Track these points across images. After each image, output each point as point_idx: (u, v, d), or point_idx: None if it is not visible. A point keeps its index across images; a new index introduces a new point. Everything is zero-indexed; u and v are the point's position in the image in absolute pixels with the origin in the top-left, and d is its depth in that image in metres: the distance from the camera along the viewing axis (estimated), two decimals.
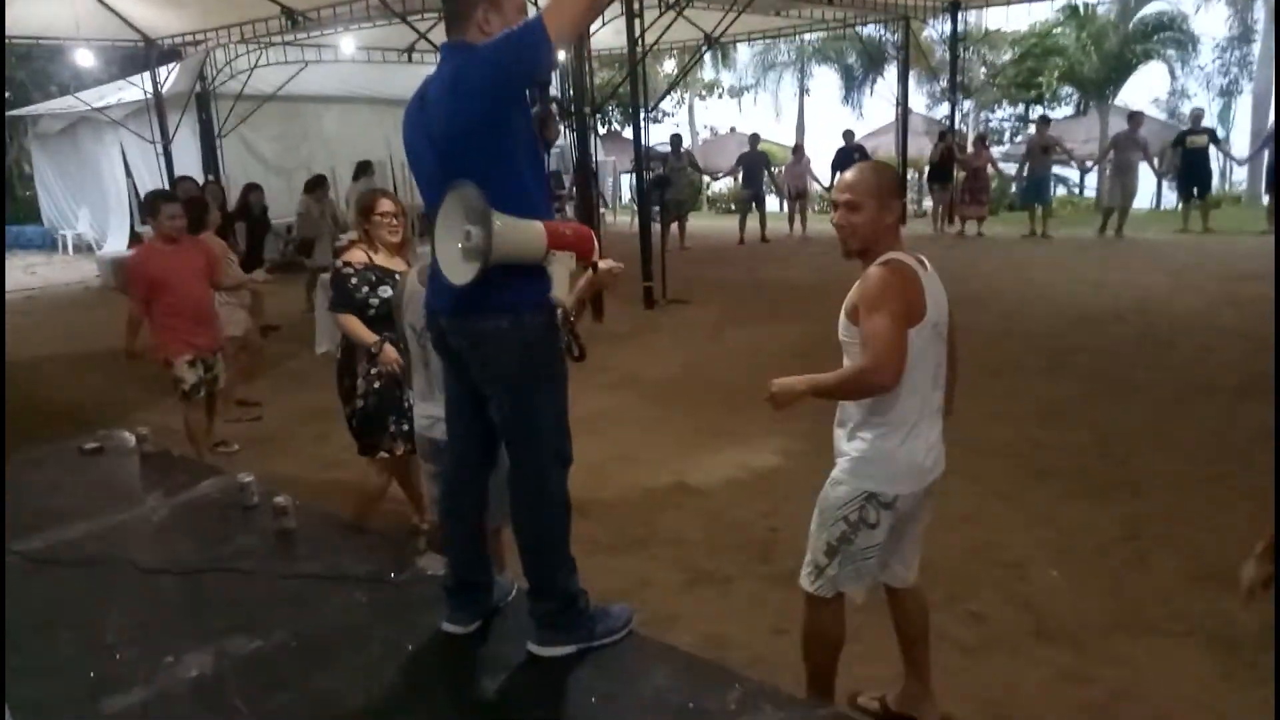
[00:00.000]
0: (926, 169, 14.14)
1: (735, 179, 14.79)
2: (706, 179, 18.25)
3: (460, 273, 2.03)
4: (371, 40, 12.14)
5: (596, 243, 2.24)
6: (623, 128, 21.51)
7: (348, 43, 12.28)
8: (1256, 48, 21.33)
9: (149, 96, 12.87)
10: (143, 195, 10.58)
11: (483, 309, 2.09)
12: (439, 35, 10.04)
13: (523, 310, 2.10)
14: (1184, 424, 4.81)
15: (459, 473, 2.38)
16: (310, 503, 3.17)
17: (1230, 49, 21.68)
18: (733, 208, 16.48)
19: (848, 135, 14.06)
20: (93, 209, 15.48)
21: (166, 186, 10.41)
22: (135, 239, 12.00)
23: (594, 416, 5.18)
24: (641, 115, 9.00)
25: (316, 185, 9.48)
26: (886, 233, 2.25)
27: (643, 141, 9.24)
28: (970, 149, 13.16)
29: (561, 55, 8.33)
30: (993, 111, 24.71)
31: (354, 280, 3.49)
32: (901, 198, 2.29)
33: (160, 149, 12.83)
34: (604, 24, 8.20)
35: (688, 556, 3.63)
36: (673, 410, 5.56)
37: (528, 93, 2.24)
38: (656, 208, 10.98)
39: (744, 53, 25.68)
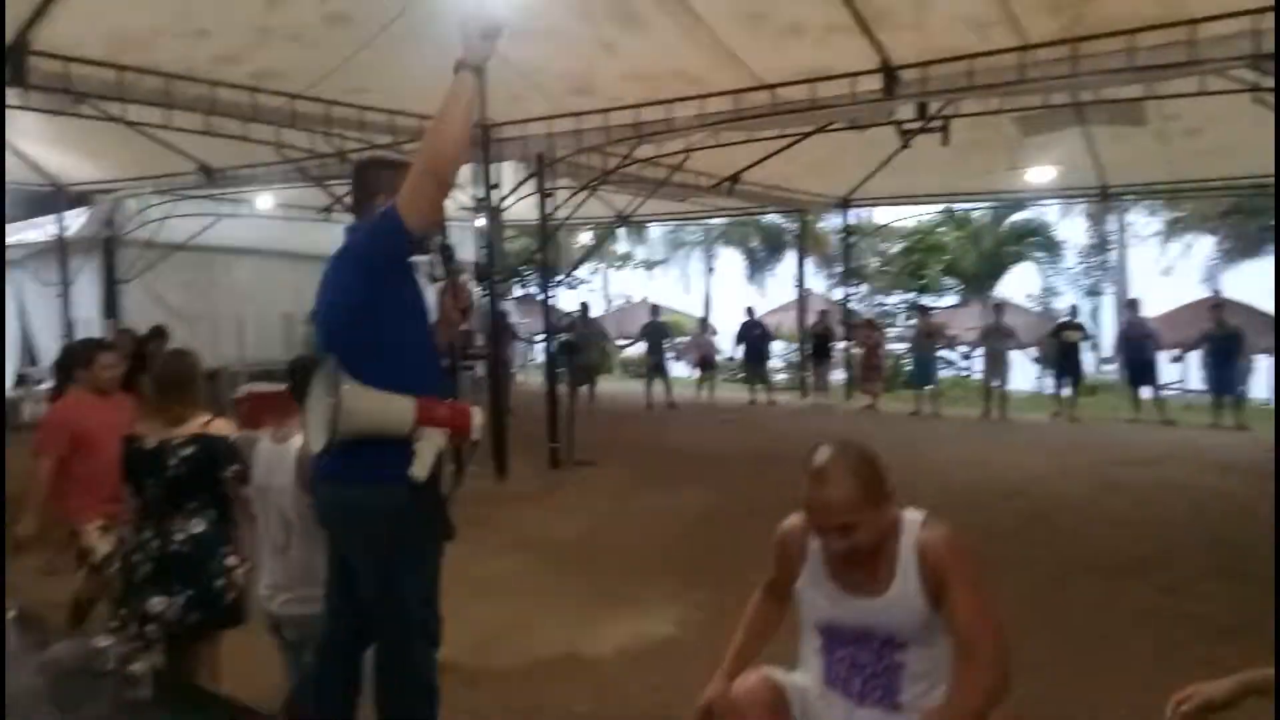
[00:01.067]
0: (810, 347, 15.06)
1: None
2: (619, 343, 18.87)
3: (316, 440, 2.08)
4: (289, 198, 12.39)
5: (476, 419, 2.28)
6: (538, 292, 22.10)
7: (264, 199, 12.49)
8: (1114, 255, 23.80)
9: (54, 238, 12.68)
10: (53, 341, 10.24)
11: (348, 479, 2.11)
12: None
13: (386, 483, 2.11)
14: (1065, 605, 4.95)
15: (328, 650, 2.29)
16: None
17: (1092, 255, 24.14)
18: (643, 372, 16.99)
19: (749, 311, 14.94)
20: None
21: (63, 331, 10.12)
22: (58, 391, 11.46)
23: (489, 580, 5.05)
24: (553, 283, 9.32)
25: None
26: (892, 522, 1.98)
27: (553, 307, 9.53)
28: (864, 331, 14.09)
29: (479, 223, 8.66)
30: (887, 296, 26.46)
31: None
32: (887, 483, 1.96)
33: (60, 292, 12.53)
34: (518, 199, 8.60)
35: None
36: (572, 575, 5.46)
37: (432, 264, 2.35)
38: (564, 370, 11.20)
39: (655, 229, 27.10)
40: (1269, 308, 19.66)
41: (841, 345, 14.91)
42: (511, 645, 4.30)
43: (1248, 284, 21.11)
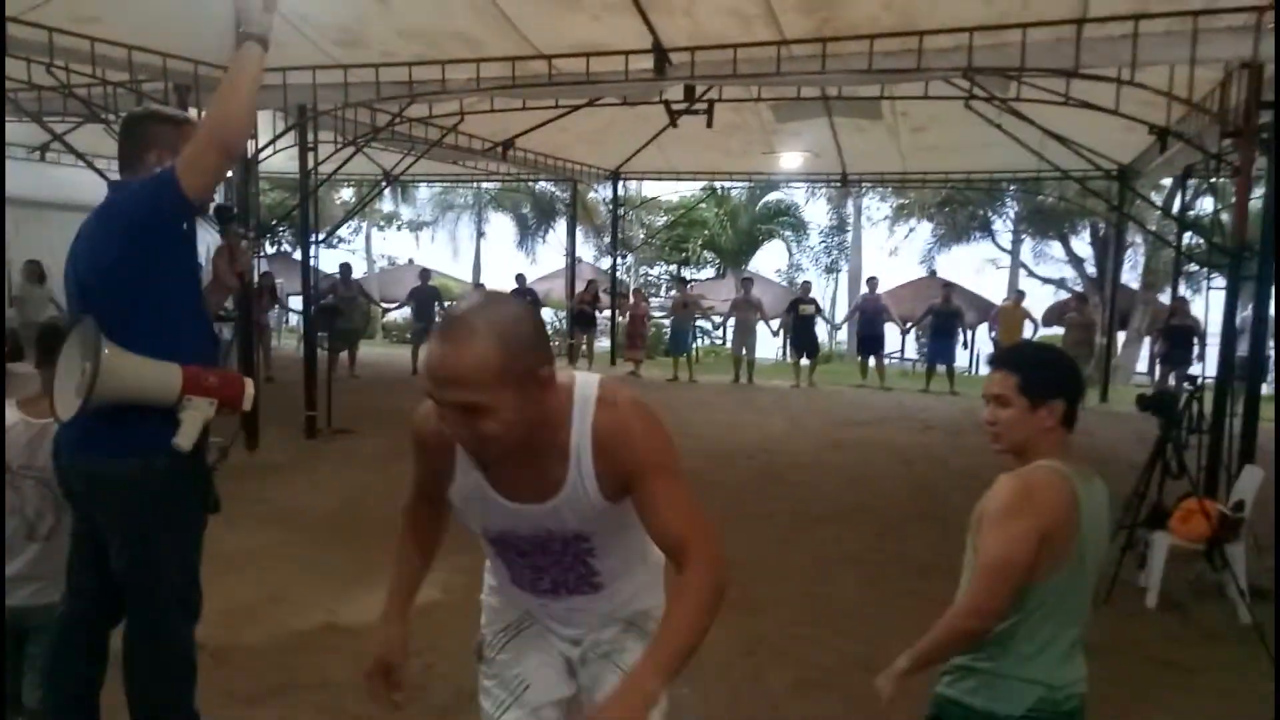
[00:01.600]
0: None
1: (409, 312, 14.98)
2: (382, 307, 18.22)
3: (66, 408, 1.93)
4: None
5: (248, 390, 2.21)
6: (293, 250, 20.78)
7: None
8: (849, 236, 26.17)
9: None
10: None
11: (105, 449, 2.00)
12: (77, 138, 9.13)
13: (147, 454, 2.02)
14: (795, 549, 5.52)
15: (68, 631, 2.13)
16: None
17: (832, 235, 26.43)
18: (408, 337, 16.58)
19: (520, 279, 14.97)
20: None
21: None
22: None
23: (242, 554, 4.80)
24: (313, 242, 8.84)
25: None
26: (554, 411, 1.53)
27: (313, 268, 9.05)
28: (631, 300, 14.61)
29: (229, 174, 8.02)
30: (651, 267, 27.46)
31: None
32: (545, 361, 1.43)
33: None
34: (275, 151, 8.06)
35: (335, 701, 3.44)
36: (329, 546, 5.31)
37: (201, 225, 2.24)
38: (324, 334, 10.71)
39: (424, 190, 26.26)
40: (975, 288, 22.64)
41: (606, 314, 15.37)
42: (266, 619, 4.15)
43: (957, 265, 24.16)
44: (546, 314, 17.50)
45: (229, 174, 7.96)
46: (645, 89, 7.44)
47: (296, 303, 13.71)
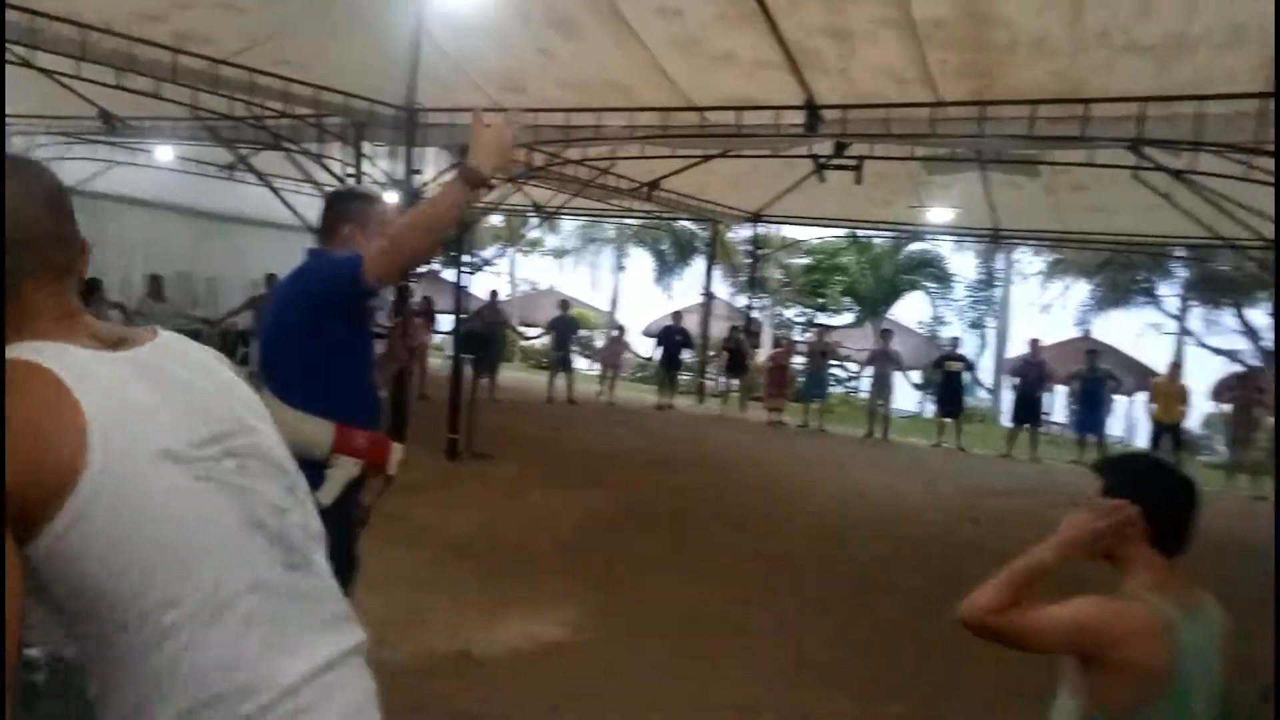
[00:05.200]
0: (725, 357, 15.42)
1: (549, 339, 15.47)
2: (524, 330, 18.92)
3: None
4: (192, 152, 11.92)
5: (394, 454, 2.38)
6: (442, 269, 21.87)
7: (165, 151, 11.98)
8: (999, 292, 25.19)
9: None
10: None
11: None
12: (260, 161, 9.93)
13: None
14: (929, 631, 5.26)
15: None
16: None
17: (978, 289, 25.51)
18: (544, 364, 17.10)
19: (676, 315, 15.40)
20: None
21: None
22: None
23: (381, 572, 5.06)
24: (466, 269, 9.31)
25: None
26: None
27: (465, 293, 9.51)
28: (776, 346, 14.63)
29: (394, 199, 8.58)
30: (787, 309, 27.31)
31: None
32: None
33: None
34: (439, 185, 8.57)
35: None
36: (465, 570, 5.55)
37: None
38: (469, 359, 11.20)
39: (568, 220, 27.11)
40: (1135, 353, 21.36)
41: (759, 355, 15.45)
42: (403, 640, 4.37)
43: (1115, 328, 22.82)
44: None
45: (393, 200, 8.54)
46: (794, 143, 7.50)
47: (444, 322, 14.40)
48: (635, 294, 29.66)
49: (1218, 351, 21.52)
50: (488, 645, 4.44)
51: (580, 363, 16.95)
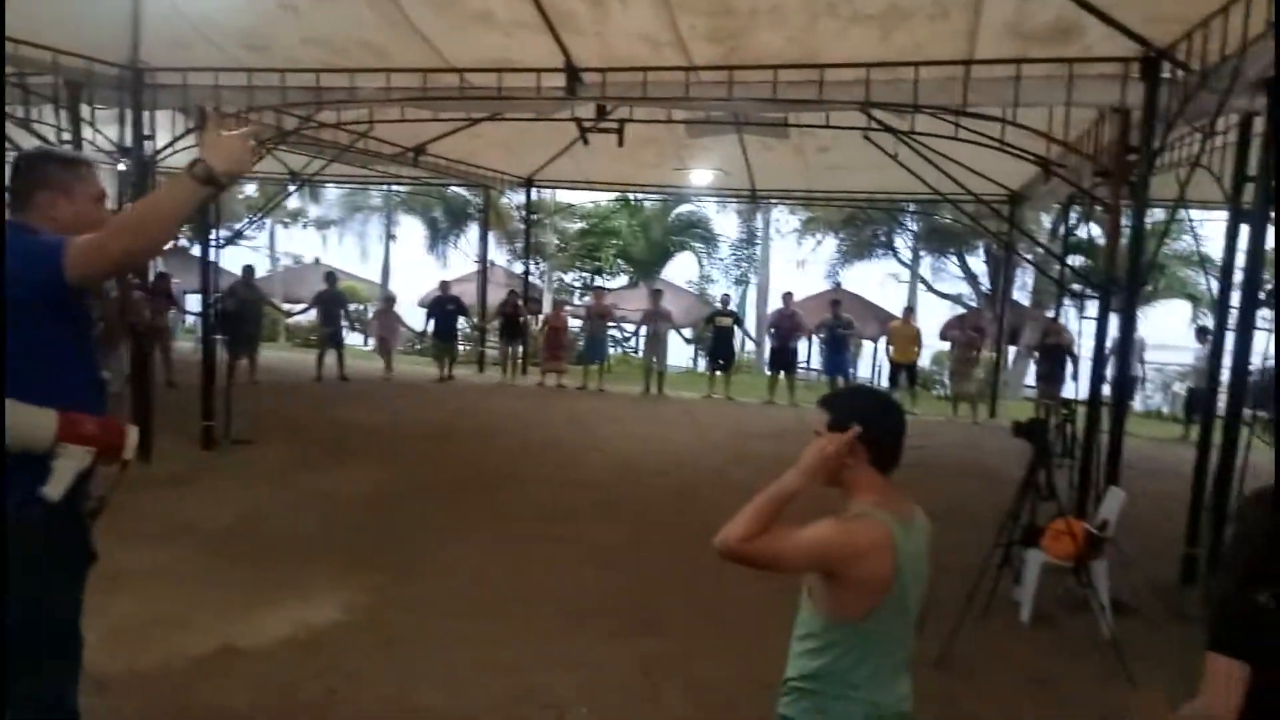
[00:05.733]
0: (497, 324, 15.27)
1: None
2: (286, 307, 17.77)
3: None
4: None
5: (130, 438, 2.19)
6: (191, 245, 20.06)
7: None
8: (759, 249, 26.75)
9: None
10: None
11: None
12: None
13: (15, 503, 1.98)
14: (698, 567, 5.60)
15: None
16: None
17: (742, 247, 26.97)
18: (313, 340, 16.18)
19: (444, 285, 14.96)
20: None
21: None
22: None
23: (132, 573, 4.67)
24: (215, 243, 8.57)
25: None
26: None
27: (215, 269, 8.76)
28: (551, 311, 14.65)
29: (122, 167, 7.72)
30: (565, 274, 27.52)
31: None
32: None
33: None
34: (175, 151, 7.83)
35: None
36: (227, 564, 5.20)
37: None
38: (223, 339, 10.41)
39: (332, 189, 25.66)
40: (879, 301, 23.46)
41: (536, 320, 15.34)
42: (159, 644, 4.05)
43: (861, 279, 25.01)
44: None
45: (121, 168, 7.69)
46: (556, 106, 7.50)
47: (195, 302, 13.24)
48: (408, 264, 28.70)
49: (944, 296, 24.12)
50: (255, 637, 4.21)
51: (354, 338, 16.17)
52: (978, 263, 23.08)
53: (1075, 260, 11.01)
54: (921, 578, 2.02)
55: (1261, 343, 5.66)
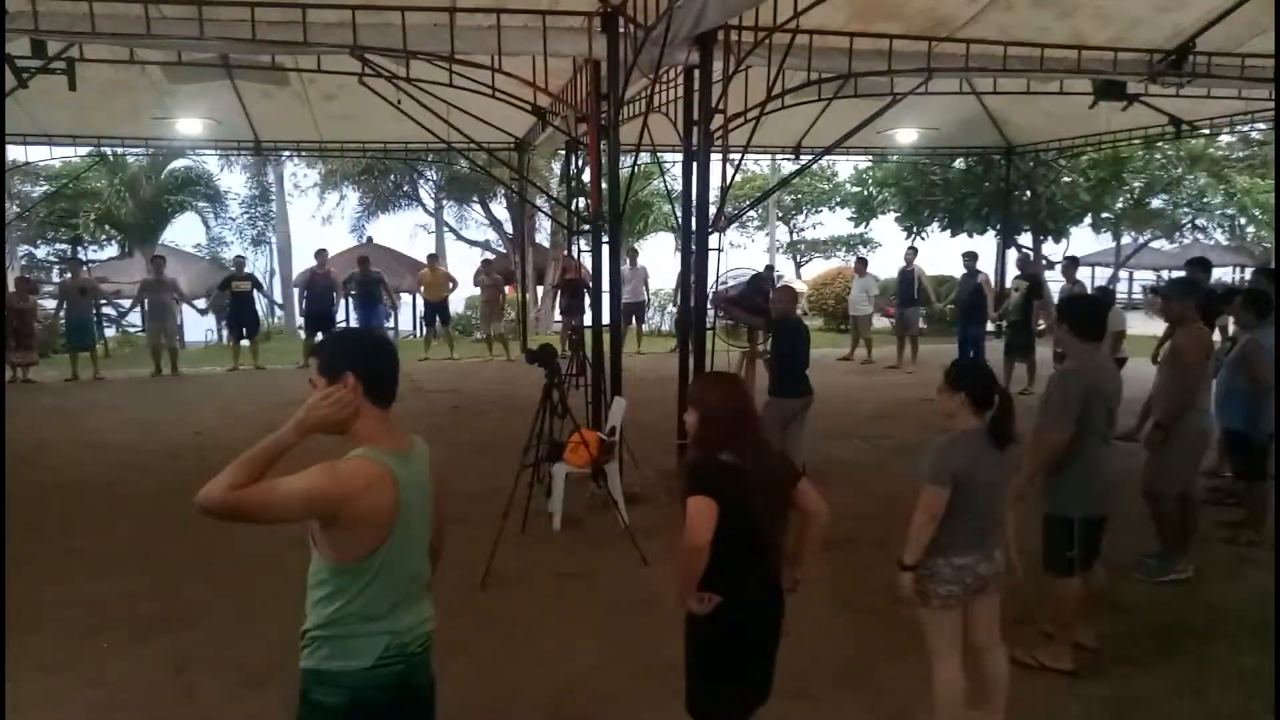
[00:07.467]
0: None
1: None
2: None
3: None
4: None
5: None
6: None
7: None
8: (274, 205, 24.97)
9: None
10: None
11: None
12: None
13: None
14: (225, 551, 5.03)
15: None
16: None
17: (255, 205, 24.94)
18: None
19: None
20: None
21: None
22: None
23: None
24: None
25: None
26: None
27: None
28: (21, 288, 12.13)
29: None
30: (36, 248, 23.01)
31: None
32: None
33: None
34: None
35: None
36: None
37: None
38: None
39: None
40: (409, 251, 23.41)
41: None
42: None
43: (390, 231, 24.76)
44: None
45: None
46: None
47: None
48: None
49: (473, 243, 24.96)
50: None
51: None
52: (501, 209, 24.15)
53: (581, 202, 11.96)
54: (426, 503, 2.09)
55: (715, 260, 6.74)
